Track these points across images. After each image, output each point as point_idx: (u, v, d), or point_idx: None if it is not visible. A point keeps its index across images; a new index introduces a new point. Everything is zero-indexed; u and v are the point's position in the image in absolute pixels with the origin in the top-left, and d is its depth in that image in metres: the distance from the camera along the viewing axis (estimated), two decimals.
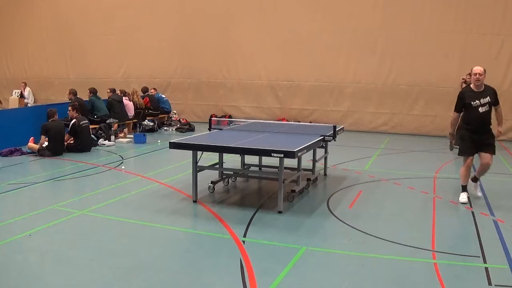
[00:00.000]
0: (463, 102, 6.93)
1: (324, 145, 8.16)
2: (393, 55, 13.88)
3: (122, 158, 9.95)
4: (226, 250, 4.96)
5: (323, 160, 8.48)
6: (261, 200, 6.98)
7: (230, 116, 15.61)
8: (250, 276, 4.32)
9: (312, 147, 6.96)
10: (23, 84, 18.57)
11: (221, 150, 6.84)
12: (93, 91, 12.53)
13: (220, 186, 7.51)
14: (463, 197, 6.82)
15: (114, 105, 12.80)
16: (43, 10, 18.64)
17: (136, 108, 13.81)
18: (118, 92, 13.47)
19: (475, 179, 7.07)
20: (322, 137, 7.28)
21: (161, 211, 6.27)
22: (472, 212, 6.40)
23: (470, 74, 11.45)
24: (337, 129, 7.82)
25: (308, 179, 7.53)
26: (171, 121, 14.94)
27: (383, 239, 5.33)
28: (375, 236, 5.40)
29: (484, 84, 6.99)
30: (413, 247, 5.10)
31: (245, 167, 8.36)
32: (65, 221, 5.83)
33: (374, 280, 4.34)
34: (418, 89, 13.80)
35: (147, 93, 14.68)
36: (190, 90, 16.52)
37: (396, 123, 14.17)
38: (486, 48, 13.05)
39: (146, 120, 13.81)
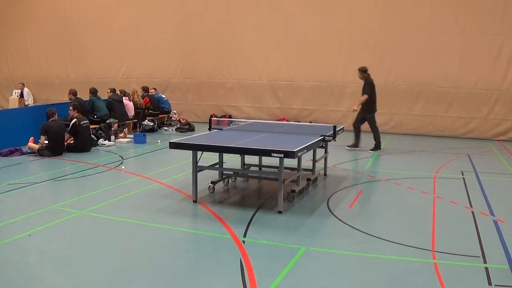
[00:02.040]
0: None
1: (324, 145, 8.16)
2: (393, 55, 13.87)
3: (122, 158, 9.95)
4: (226, 250, 4.96)
5: (323, 160, 8.48)
6: (261, 200, 6.98)
7: (230, 116, 15.60)
8: (250, 276, 4.32)
9: (312, 147, 6.96)
10: (20, 85, 18.57)
11: (221, 150, 6.84)
12: (93, 91, 12.53)
13: (220, 186, 7.51)
14: None
15: (114, 105, 12.80)
16: (43, 10, 18.63)
17: (136, 108, 13.80)
18: (118, 92, 13.47)
19: None
20: (322, 137, 7.28)
21: (161, 211, 6.27)
22: (472, 212, 6.40)
23: (360, 70, 11.36)
24: (337, 129, 7.83)
25: (308, 179, 7.52)
26: (171, 121, 14.93)
27: (383, 239, 5.33)
28: (375, 236, 5.41)
29: None
30: (413, 247, 5.10)
31: (245, 167, 8.36)
32: (65, 221, 5.83)
33: (374, 280, 4.34)
34: (418, 89, 13.80)
35: (147, 93, 14.67)
36: (190, 90, 16.51)
37: (396, 123, 14.16)
38: (486, 48, 13.06)
39: (146, 120, 13.81)
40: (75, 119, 10.32)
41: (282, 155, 5.93)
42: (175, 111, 15.63)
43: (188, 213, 6.32)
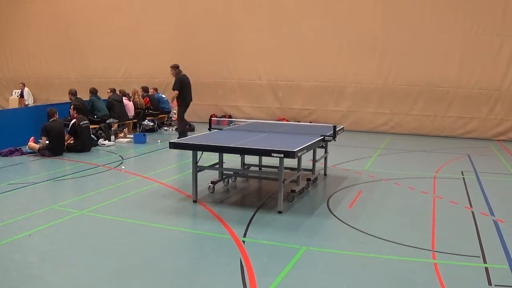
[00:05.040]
0: None
1: (324, 145, 8.16)
2: (393, 55, 13.87)
3: (122, 158, 9.95)
4: (226, 250, 4.96)
5: (323, 160, 8.48)
6: (261, 200, 6.98)
7: (230, 116, 15.61)
8: (250, 276, 4.32)
9: (312, 147, 6.95)
10: (21, 84, 18.58)
11: (221, 150, 6.84)
12: (93, 91, 12.54)
13: (220, 186, 7.51)
14: None
15: (114, 105, 12.80)
16: (43, 10, 18.64)
17: (136, 108, 13.81)
18: (118, 92, 13.48)
19: None
20: (322, 137, 7.28)
21: (161, 211, 6.27)
22: (472, 212, 6.40)
23: (171, 67, 12.07)
24: (337, 129, 7.82)
25: (308, 179, 7.52)
26: (171, 121, 14.93)
27: (383, 239, 5.34)
28: (375, 236, 5.41)
29: None
30: (413, 247, 5.11)
31: (245, 167, 8.36)
32: (65, 221, 5.83)
33: (374, 280, 4.34)
34: (418, 89, 13.80)
35: (147, 93, 14.67)
36: None
37: (396, 123, 14.17)
38: (486, 48, 13.07)
39: (146, 120, 13.81)
40: (74, 119, 10.32)
41: (282, 155, 5.93)
42: (175, 111, 15.61)
43: (188, 213, 6.32)
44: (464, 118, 13.52)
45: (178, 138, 11.30)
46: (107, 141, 11.40)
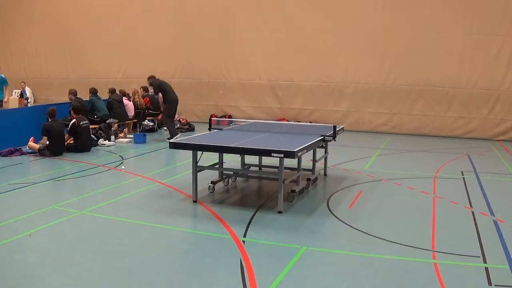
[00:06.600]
0: None
1: (324, 145, 8.16)
2: (393, 55, 13.87)
3: (122, 158, 9.95)
4: (226, 250, 4.96)
5: (323, 160, 8.48)
6: (261, 200, 6.98)
7: (230, 116, 15.61)
8: (250, 276, 4.32)
9: (312, 147, 6.96)
10: (22, 83, 18.58)
11: (221, 150, 6.84)
12: (93, 91, 12.54)
13: (220, 186, 7.51)
14: None
15: (114, 105, 12.81)
16: (43, 10, 18.64)
17: (136, 108, 13.81)
18: (118, 92, 13.47)
19: None
20: (322, 137, 7.28)
21: (161, 211, 6.27)
22: (472, 212, 6.40)
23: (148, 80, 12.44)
24: (337, 129, 7.82)
25: (308, 179, 7.52)
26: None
27: (383, 239, 5.34)
28: (375, 236, 5.41)
29: None
30: (413, 247, 5.11)
31: (245, 167, 8.36)
32: (65, 221, 5.83)
33: (374, 280, 4.34)
34: (418, 89, 13.81)
35: (147, 93, 14.67)
36: (190, 90, 16.49)
37: (396, 123, 14.17)
38: (486, 48, 13.06)
39: (146, 120, 13.81)
40: (74, 120, 10.32)
41: (282, 155, 5.93)
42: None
43: (188, 213, 6.32)
44: (464, 118, 13.52)
45: (170, 137, 11.38)
46: (107, 141, 11.40)
